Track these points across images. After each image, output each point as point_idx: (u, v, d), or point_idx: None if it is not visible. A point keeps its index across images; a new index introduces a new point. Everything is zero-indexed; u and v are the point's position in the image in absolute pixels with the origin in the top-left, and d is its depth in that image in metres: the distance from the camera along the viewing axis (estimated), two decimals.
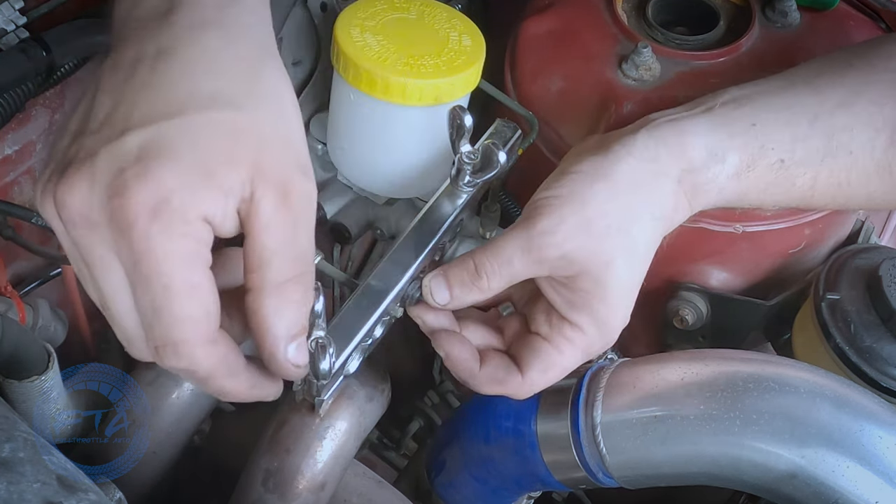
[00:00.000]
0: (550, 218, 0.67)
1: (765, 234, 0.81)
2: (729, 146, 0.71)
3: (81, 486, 0.53)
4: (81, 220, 0.51)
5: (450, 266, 0.71)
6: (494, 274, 0.68)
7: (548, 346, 0.69)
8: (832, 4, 0.90)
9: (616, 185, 0.68)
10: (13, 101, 0.72)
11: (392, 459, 1.12)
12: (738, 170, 0.71)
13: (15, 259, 0.87)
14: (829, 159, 0.72)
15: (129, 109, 0.52)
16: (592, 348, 0.69)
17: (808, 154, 0.72)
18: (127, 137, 0.51)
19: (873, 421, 0.62)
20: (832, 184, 0.73)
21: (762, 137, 0.71)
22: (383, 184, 0.85)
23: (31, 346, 0.68)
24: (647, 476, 0.68)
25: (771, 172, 0.72)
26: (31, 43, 0.70)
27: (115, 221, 0.50)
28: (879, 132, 0.72)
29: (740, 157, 0.71)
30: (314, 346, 0.61)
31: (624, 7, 0.90)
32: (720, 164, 0.70)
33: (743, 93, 0.74)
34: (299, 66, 0.93)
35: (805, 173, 0.72)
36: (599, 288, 0.67)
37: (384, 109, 0.75)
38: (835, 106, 0.72)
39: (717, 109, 0.72)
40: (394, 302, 0.70)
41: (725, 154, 0.71)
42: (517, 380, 0.70)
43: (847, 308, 0.76)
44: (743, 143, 0.71)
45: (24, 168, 0.83)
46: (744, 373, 0.66)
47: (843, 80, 0.74)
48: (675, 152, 0.70)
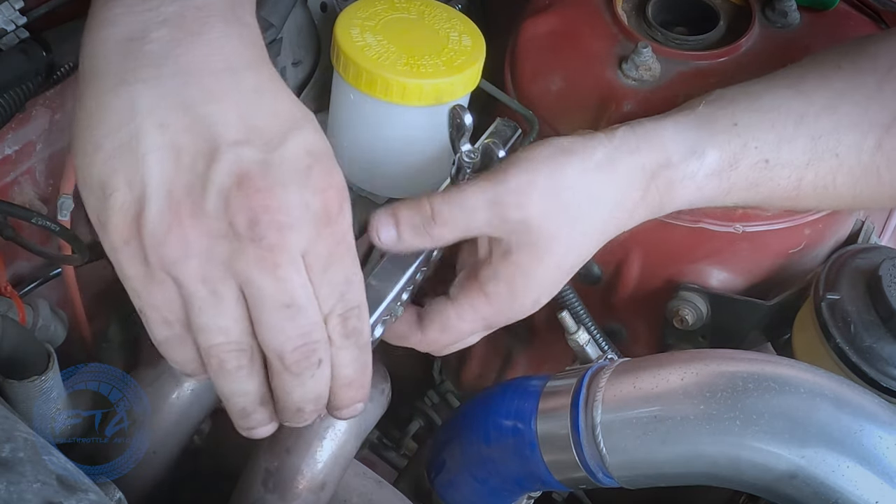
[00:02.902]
0: (524, 176, 0.66)
1: (765, 234, 0.81)
2: (709, 142, 0.71)
3: (81, 486, 0.53)
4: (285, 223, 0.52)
5: (401, 205, 0.67)
6: (451, 223, 0.66)
7: (451, 309, 0.69)
8: (832, 4, 0.90)
9: (589, 161, 0.68)
10: (13, 101, 0.72)
11: (392, 459, 1.12)
12: (719, 167, 0.71)
13: (15, 259, 0.87)
14: (814, 162, 0.72)
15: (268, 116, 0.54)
16: (495, 320, 0.69)
17: (794, 155, 0.72)
18: (289, 142, 0.53)
19: (873, 421, 0.62)
20: (818, 185, 0.74)
21: (745, 136, 0.71)
22: (383, 184, 0.85)
23: (31, 346, 0.68)
24: (647, 476, 0.68)
25: (755, 172, 0.72)
26: (31, 43, 0.70)
27: (325, 213, 0.54)
28: (866, 135, 0.72)
29: (721, 155, 0.71)
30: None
31: (624, 7, 0.90)
32: (698, 161, 0.70)
33: (727, 94, 0.74)
34: (299, 66, 0.93)
35: (790, 175, 0.73)
36: (532, 264, 0.67)
37: (384, 109, 0.75)
38: (820, 109, 0.72)
39: (701, 109, 0.72)
40: (394, 301, 0.70)
41: (705, 150, 0.70)
42: (417, 336, 0.71)
43: (847, 308, 0.76)
44: (724, 141, 0.71)
45: (24, 168, 0.83)
46: (744, 373, 0.66)
47: (829, 83, 0.74)
48: (655, 146, 0.70)
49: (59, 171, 0.86)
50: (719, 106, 0.72)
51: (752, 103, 0.73)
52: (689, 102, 0.74)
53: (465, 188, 0.66)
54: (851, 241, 0.90)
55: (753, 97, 0.73)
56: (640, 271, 0.85)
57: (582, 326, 0.83)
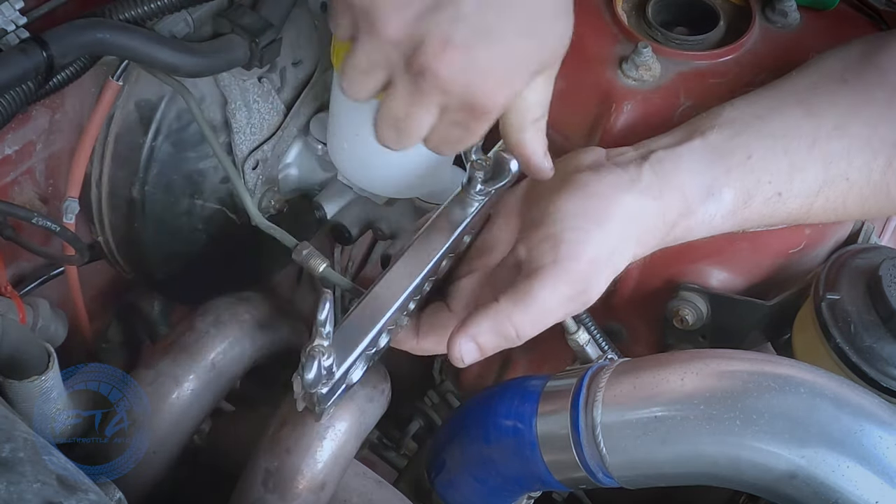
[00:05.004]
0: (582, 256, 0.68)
1: (765, 234, 0.81)
2: (724, 182, 0.72)
3: (81, 486, 0.53)
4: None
5: (480, 329, 0.68)
6: (533, 331, 0.69)
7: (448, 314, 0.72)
8: (832, 4, 0.89)
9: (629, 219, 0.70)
10: (13, 101, 0.72)
11: (392, 459, 1.12)
12: (734, 207, 0.72)
13: (15, 259, 0.87)
14: (825, 188, 0.73)
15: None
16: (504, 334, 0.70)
17: (806, 185, 0.73)
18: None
19: (873, 421, 0.62)
20: (828, 209, 0.75)
21: (759, 171, 0.72)
22: (383, 184, 0.85)
23: (31, 346, 0.68)
24: (647, 476, 0.68)
25: (767, 206, 0.73)
26: (31, 43, 0.70)
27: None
28: (877, 154, 0.73)
29: (736, 194, 0.72)
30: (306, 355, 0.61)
31: (624, 7, 0.90)
32: (716, 204, 0.72)
33: (736, 115, 0.74)
34: (299, 66, 0.93)
35: (801, 204, 0.74)
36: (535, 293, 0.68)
37: None
38: (831, 129, 0.73)
39: (713, 137, 0.73)
40: (399, 311, 0.70)
41: (721, 191, 0.72)
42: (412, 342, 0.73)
43: (847, 308, 0.76)
44: (739, 178, 0.72)
45: (24, 168, 0.83)
46: (744, 373, 0.66)
47: (836, 100, 0.74)
48: (675, 190, 0.71)
49: (59, 171, 0.86)
50: (731, 135, 0.73)
51: (764, 127, 0.73)
52: (697, 120, 0.75)
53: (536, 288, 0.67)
54: (851, 241, 0.90)
55: (764, 120, 0.73)
56: (640, 271, 0.85)
57: (582, 326, 0.83)
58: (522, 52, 0.61)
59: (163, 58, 0.76)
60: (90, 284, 0.96)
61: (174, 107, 0.86)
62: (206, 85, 0.86)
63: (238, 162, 0.90)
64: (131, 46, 0.74)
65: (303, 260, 0.76)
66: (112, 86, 0.82)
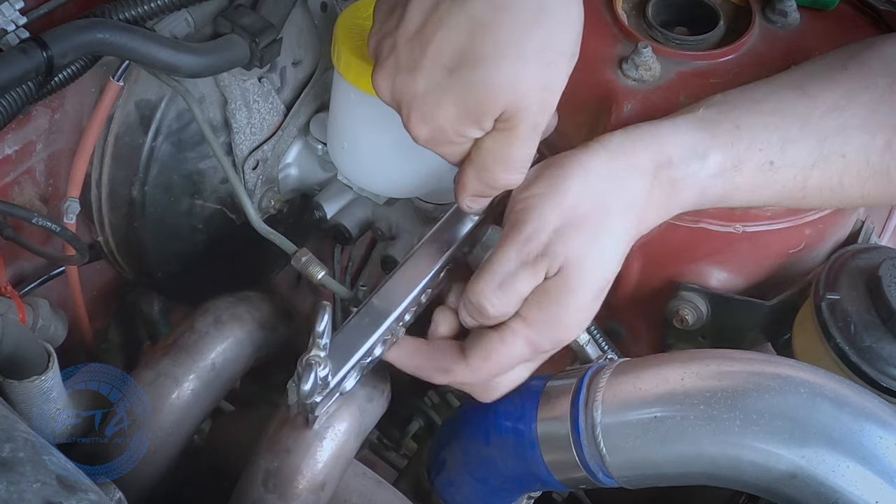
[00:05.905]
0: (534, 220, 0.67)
1: (765, 234, 0.81)
2: (711, 145, 0.71)
3: (81, 486, 0.53)
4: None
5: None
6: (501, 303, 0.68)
7: (492, 332, 0.69)
8: (832, 4, 0.89)
9: (588, 174, 0.69)
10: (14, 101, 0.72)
11: (392, 459, 1.12)
12: (722, 169, 0.71)
13: (15, 259, 0.87)
14: (820, 162, 0.72)
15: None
16: (539, 344, 0.69)
17: (798, 156, 0.72)
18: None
19: (873, 421, 0.62)
20: (824, 186, 0.73)
21: (748, 138, 0.71)
22: (383, 184, 0.85)
23: (31, 346, 0.68)
24: (647, 476, 0.68)
25: (760, 174, 0.72)
26: (31, 43, 0.70)
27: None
28: (875, 136, 0.72)
29: (724, 156, 0.71)
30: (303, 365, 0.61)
31: (624, 7, 0.90)
32: (700, 162, 0.70)
33: (728, 97, 0.74)
34: (299, 66, 0.93)
35: (795, 176, 0.72)
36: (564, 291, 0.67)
37: (384, 109, 0.75)
38: (826, 110, 0.72)
39: (701, 113, 0.72)
40: (395, 322, 0.70)
41: (707, 152, 0.71)
42: (461, 367, 0.70)
43: (847, 308, 0.76)
44: (727, 143, 0.71)
45: (24, 168, 0.83)
46: (744, 373, 0.66)
47: (835, 84, 0.73)
48: (652, 149, 0.70)
49: (59, 171, 0.86)
50: (720, 110, 0.72)
51: (755, 106, 0.72)
52: (688, 107, 0.74)
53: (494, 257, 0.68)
54: (851, 241, 0.90)
55: (756, 101, 0.73)
56: (640, 271, 0.85)
57: None
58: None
59: (163, 58, 0.76)
60: (90, 284, 0.96)
61: (174, 107, 0.86)
62: (206, 85, 0.86)
63: (238, 162, 0.90)
64: (131, 46, 0.74)
65: (301, 267, 0.77)
66: (112, 86, 0.82)
